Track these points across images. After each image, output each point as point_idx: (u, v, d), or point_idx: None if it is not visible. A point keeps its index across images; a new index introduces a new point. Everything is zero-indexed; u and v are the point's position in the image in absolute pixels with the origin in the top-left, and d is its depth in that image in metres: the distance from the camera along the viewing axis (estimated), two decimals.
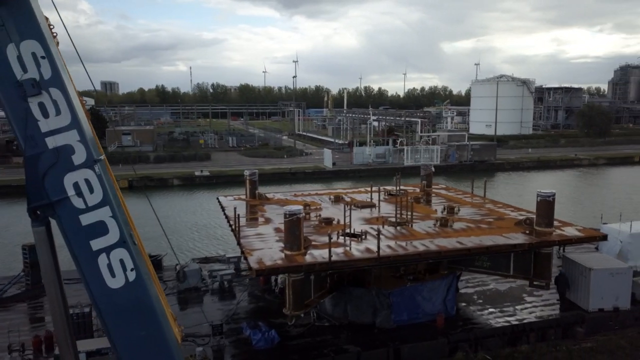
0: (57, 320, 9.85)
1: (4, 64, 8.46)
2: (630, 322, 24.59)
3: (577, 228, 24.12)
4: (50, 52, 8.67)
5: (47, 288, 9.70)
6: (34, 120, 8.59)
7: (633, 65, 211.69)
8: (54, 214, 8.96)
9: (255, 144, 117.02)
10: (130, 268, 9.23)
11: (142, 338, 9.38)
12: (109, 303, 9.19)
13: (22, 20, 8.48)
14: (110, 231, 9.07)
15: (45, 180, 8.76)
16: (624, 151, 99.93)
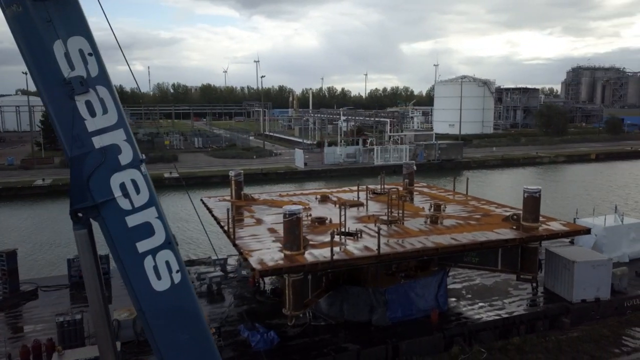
0: (98, 324, 9.52)
1: (51, 61, 8.10)
2: (610, 311, 25.73)
3: (561, 223, 25.07)
4: (96, 49, 8.37)
5: (89, 292, 9.36)
6: (81, 119, 8.27)
7: (584, 67, 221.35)
8: (97, 215, 8.65)
9: (223, 144, 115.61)
10: (175, 270, 9.01)
11: (186, 341, 9.18)
12: (154, 306, 8.94)
13: (69, 16, 8.14)
14: (156, 232, 8.83)
15: (91, 181, 8.44)
16: (581, 149, 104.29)
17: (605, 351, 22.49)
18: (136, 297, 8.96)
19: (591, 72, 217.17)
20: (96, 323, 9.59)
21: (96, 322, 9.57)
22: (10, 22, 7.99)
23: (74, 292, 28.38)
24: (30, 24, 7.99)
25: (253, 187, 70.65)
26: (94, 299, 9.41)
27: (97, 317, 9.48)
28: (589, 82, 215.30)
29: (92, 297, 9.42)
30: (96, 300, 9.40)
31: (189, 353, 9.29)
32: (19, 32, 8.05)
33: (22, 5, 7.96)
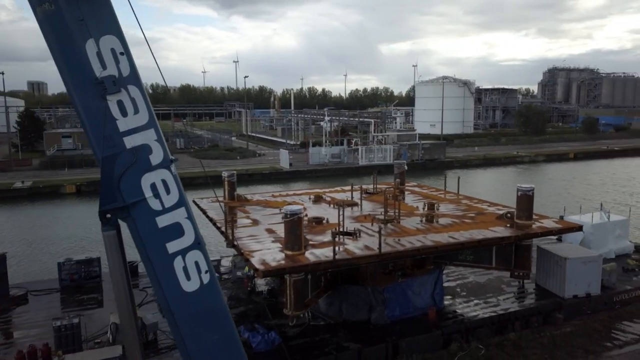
0: (126, 325, 9.40)
1: (83, 60, 7.97)
2: (601, 306, 26.36)
3: (554, 220, 25.60)
4: (127, 48, 8.27)
5: (117, 293, 9.23)
6: (112, 119, 8.16)
7: (559, 68, 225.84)
8: (127, 216, 8.54)
9: (205, 145, 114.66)
10: (204, 270, 8.95)
11: (215, 342, 9.13)
12: (183, 307, 8.86)
13: (101, 14, 8.02)
14: (185, 233, 8.77)
15: (121, 181, 8.34)
16: (560, 148, 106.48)
17: (599, 345, 23.02)
18: (165, 298, 8.87)
19: (566, 73, 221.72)
20: (124, 324, 9.47)
21: (124, 322, 9.45)
22: (41, 20, 7.84)
23: (65, 296, 27.83)
24: (63, 23, 7.84)
25: (239, 188, 70.34)
26: (122, 300, 9.29)
27: (125, 317, 9.36)
28: (564, 83, 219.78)
29: (120, 298, 9.29)
30: (124, 301, 9.29)
31: (218, 354, 9.24)
32: (50, 31, 7.90)
33: (54, 3, 7.82)
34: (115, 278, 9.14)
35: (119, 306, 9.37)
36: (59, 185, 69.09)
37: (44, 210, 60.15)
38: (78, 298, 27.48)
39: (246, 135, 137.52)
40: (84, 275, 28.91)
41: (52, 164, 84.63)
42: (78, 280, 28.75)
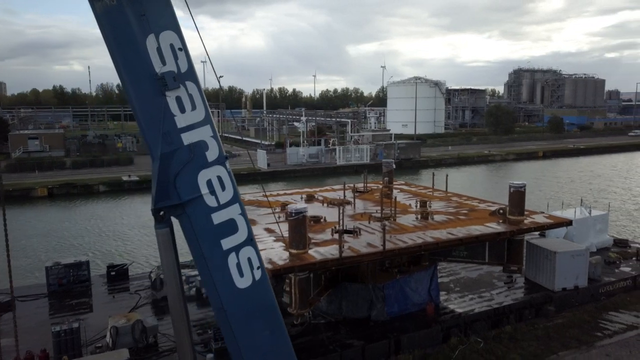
0: (178, 324, 9.24)
1: (143, 56, 7.83)
2: (588, 298, 27.35)
3: (544, 215, 26.39)
4: (185, 44, 8.17)
5: (170, 291, 9.07)
6: (171, 115, 8.04)
7: (524, 69, 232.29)
8: (181, 214, 8.43)
9: None
10: (256, 266, 8.93)
11: (266, 337, 9.12)
12: (236, 304, 8.81)
13: (161, 10, 7.90)
14: (239, 229, 8.73)
15: (178, 178, 8.22)
16: (529, 147, 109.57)
17: (590, 335, 23.87)
18: (218, 296, 8.79)
19: (531, 74, 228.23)
20: (176, 322, 9.33)
21: (176, 321, 9.31)
22: (100, 16, 7.66)
23: (54, 302, 27.02)
24: (124, 18, 7.68)
25: None
26: (175, 299, 9.16)
27: (177, 316, 9.23)
28: (529, 84, 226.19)
29: (173, 296, 9.16)
30: (177, 299, 9.15)
31: (269, 349, 9.24)
32: (110, 26, 7.73)
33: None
34: (168, 276, 9.00)
35: (171, 304, 9.23)
36: (29, 188, 66.89)
37: (16, 213, 58.11)
38: (67, 303, 26.73)
39: (223, 137, 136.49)
40: (72, 279, 28.14)
41: (20, 166, 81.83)
42: (67, 285, 27.98)
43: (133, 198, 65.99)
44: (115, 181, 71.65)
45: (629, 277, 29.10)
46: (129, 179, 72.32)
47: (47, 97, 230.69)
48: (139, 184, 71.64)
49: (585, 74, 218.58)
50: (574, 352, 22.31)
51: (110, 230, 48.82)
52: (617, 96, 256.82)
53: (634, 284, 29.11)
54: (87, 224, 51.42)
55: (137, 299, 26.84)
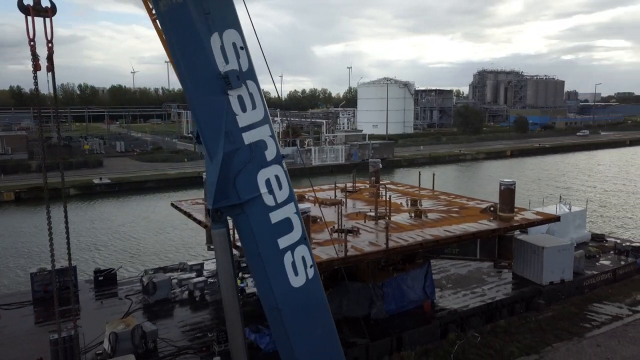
0: (233, 324, 9.09)
1: (207, 55, 7.68)
2: (573, 291, 28.34)
3: (532, 212, 27.21)
4: (245, 42, 8.07)
5: (225, 292, 8.93)
6: (233, 114, 7.93)
7: (488, 71, 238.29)
8: (240, 213, 8.33)
9: (148, 148, 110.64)
10: (309, 265, 8.91)
11: (318, 335, 9.12)
12: (291, 302, 8.77)
13: (225, 8, 7.77)
14: (294, 228, 8.70)
15: (238, 178, 8.12)
16: (497, 146, 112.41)
17: (579, 326, 24.77)
18: (273, 295, 8.73)
19: (495, 75, 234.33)
20: (230, 323, 9.19)
21: (231, 321, 9.17)
22: (164, 14, 7.48)
23: (40, 309, 26.09)
24: (188, 17, 7.53)
25: (192, 192, 68.66)
26: (230, 299, 9.03)
27: (232, 317, 9.10)
28: (493, 85, 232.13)
29: (229, 297, 9.04)
30: (232, 300, 9.03)
31: (321, 347, 9.24)
32: (174, 24, 7.56)
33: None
34: (223, 276, 8.86)
35: (226, 304, 9.09)
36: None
37: None
38: (52, 311, 25.79)
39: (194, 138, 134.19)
40: (58, 285, 27.18)
41: None
42: (52, 292, 26.97)
43: (107, 202, 64.31)
44: (86, 184, 69.62)
45: (609, 270, 30.31)
46: (101, 182, 70.43)
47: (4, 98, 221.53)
48: (111, 187, 69.90)
49: (545, 75, 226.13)
50: (566, 344, 23.08)
51: (86, 235, 47.43)
52: (575, 97, 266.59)
53: (614, 276, 30.35)
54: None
55: (129, 304, 26.20)
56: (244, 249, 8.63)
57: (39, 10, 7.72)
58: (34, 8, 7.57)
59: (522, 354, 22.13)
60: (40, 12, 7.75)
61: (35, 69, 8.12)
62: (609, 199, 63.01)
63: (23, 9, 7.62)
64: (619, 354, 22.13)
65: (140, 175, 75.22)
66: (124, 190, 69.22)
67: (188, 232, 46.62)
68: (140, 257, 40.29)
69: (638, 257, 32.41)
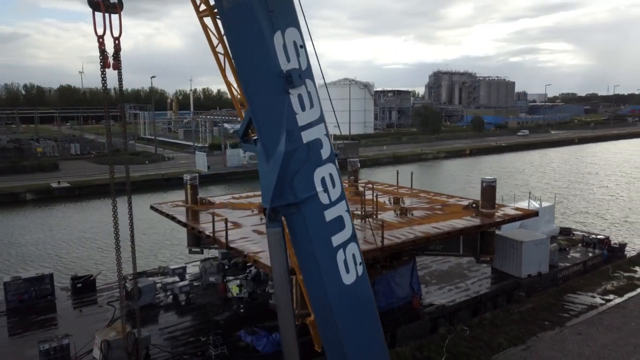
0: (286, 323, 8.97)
1: (270, 53, 7.57)
2: (548, 283, 29.58)
3: (512, 208, 28.19)
4: (304, 41, 8.01)
5: (279, 291, 8.81)
6: (293, 113, 7.86)
7: (443, 72, 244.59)
8: (295, 212, 8.26)
9: (105, 150, 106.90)
10: (359, 262, 8.97)
11: (367, 332, 9.19)
12: (342, 300, 8.79)
13: (287, 7, 7.69)
14: (346, 225, 8.74)
15: (296, 177, 8.06)
16: (456, 145, 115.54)
17: (558, 316, 25.83)
18: (325, 293, 8.72)
19: (449, 76, 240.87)
20: (284, 323, 9.08)
21: (284, 321, 9.06)
22: (227, 12, 7.32)
23: (14, 320, 24.81)
24: (252, 15, 7.39)
25: (156, 195, 67.08)
26: (284, 299, 8.92)
27: (286, 317, 8.99)
28: (448, 85, 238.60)
29: (283, 296, 8.93)
30: (286, 300, 8.93)
31: (370, 344, 9.30)
32: (237, 22, 7.40)
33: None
34: (278, 275, 8.75)
35: (280, 306, 8.98)
36: None
37: None
38: (31, 320, 24.66)
39: (148, 139, 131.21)
40: (34, 294, 26.01)
41: None
42: (28, 301, 25.82)
43: (67, 206, 61.83)
44: (43, 188, 66.68)
45: (580, 262, 31.82)
46: (59, 185, 67.61)
47: None
48: (71, 190, 67.23)
49: (497, 77, 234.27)
50: (550, 333, 24.04)
51: (49, 241, 45.47)
52: (525, 97, 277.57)
53: (584, 267, 31.88)
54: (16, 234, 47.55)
55: (113, 310, 25.33)
56: (297, 248, 8.59)
57: (107, 6, 7.43)
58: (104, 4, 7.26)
59: (510, 345, 22.86)
60: (109, 8, 7.46)
61: (104, 66, 7.79)
62: (564, 194, 66.02)
63: (93, 4, 7.31)
64: (599, 341, 23.23)
65: (102, 179, 72.60)
66: (85, 194, 66.73)
67: (155, 237, 45.62)
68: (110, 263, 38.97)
69: (604, 249, 34.18)
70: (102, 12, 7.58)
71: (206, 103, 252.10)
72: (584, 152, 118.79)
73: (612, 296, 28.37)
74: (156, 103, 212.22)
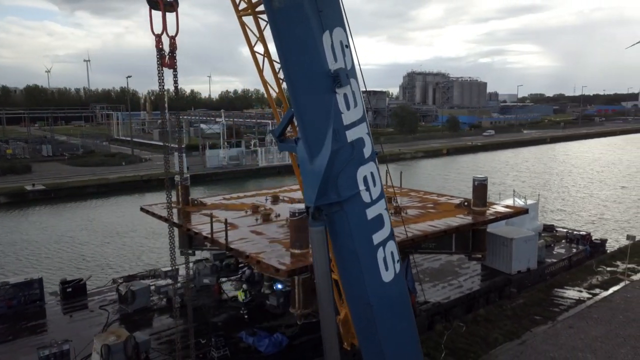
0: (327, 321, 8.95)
1: (318, 53, 7.58)
2: (537, 278, 30.28)
3: (503, 206, 28.76)
4: (349, 41, 8.02)
5: (321, 290, 8.79)
6: (339, 112, 7.87)
7: (417, 72, 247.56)
8: (338, 211, 8.28)
9: (79, 151, 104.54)
10: (396, 260, 9.05)
11: (404, 329, 9.26)
12: (382, 297, 8.85)
13: (335, 7, 7.69)
14: (385, 224, 8.79)
15: (340, 176, 8.07)
16: (433, 145, 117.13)
17: (549, 311, 26.50)
18: (366, 291, 8.77)
19: (423, 76, 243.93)
20: (325, 320, 9.06)
21: (325, 319, 9.04)
22: (277, 12, 7.27)
23: (5, 326, 24.02)
24: (303, 14, 7.37)
25: (135, 196, 65.95)
26: (326, 297, 8.90)
27: (327, 314, 8.98)
28: (422, 86, 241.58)
29: (324, 294, 8.91)
30: (327, 297, 8.91)
31: (406, 341, 9.38)
32: (288, 22, 7.36)
33: None
34: (320, 274, 8.72)
35: (322, 305, 8.96)
36: None
37: None
38: (22, 326, 23.95)
39: (122, 140, 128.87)
40: (23, 300, 25.28)
41: None
42: (17, 307, 25.07)
43: (44, 209, 60.16)
44: (17, 191, 64.71)
45: (565, 258, 32.70)
46: (34, 188, 65.72)
47: None
48: (46, 193, 65.44)
49: (470, 77, 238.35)
50: (543, 327, 24.63)
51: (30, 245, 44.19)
52: (496, 97, 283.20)
53: (570, 263, 32.77)
54: None
55: (106, 315, 24.83)
56: (338, 247, 8.60)
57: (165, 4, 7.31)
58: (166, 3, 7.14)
59: (506, 340, 23.34)
60: (166, 7, 7.34)
61: (162, 66, 7.66)
62: (541, 192, 67.63)
63: (152, 2, 7.19)
64: (590, 334, 23.92)
65: (78, 181, 71.04)
66: (62, 196, 65.03)
67: (139, 240, 44.90)
68: (100, 266, 38.16)
69: (586, 245, 35.20)
70: (160, 10, 7.46)
71: (178, 103, 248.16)
72: (556, 151, 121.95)
73: (597, 290, 29.25)
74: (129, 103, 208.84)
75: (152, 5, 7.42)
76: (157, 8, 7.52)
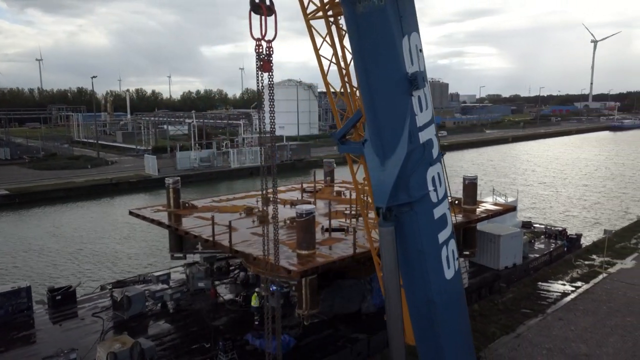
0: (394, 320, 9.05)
1: (398, 57, 7.71)
2: (522, 273, 31.37)
3: (492, 204, 29.63)
4: (421, 45, 8.19)
5: (389, 287, 8.88)
6: (413, 115, 8.04)
7: None
8: (408, 210, 8.43)
9: (40, 154, 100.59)
10: (456, 257, 9.26)
11: (462, 324, 9.50)
12: (444, 294, 9.06)
13: (412, 12, 7.83)
14: (448, 223, 9.00)
15: (412, 176, 8.24)
16: None
17: (538, 304, 27.54)
18: (430, 288, 8.96)
19: None
20: (391, 319, 9.17)
21: (393, 315, 9.14)
22: (359, 16, 7.35)
23: None
24: (385, 19, 7.49)
25: (104, 200, 64.14)
26: (394, 295, 9.01)
27: (394, 311, 9.08)
28: None
29: (393, 292, 9.02)
30: (396, 296, 9.02)
31: (464, 338, 9.62)
32: (369, 27, 7.45)
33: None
34: (388, 272, 8.82)
35: (390, 301, 9.05)
36: None
37: None
38: (12, 337, 22.97)
39: (83, 142, 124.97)
40: (11, 309, 24.26)
41: None
42: (4, 316, 24.05)
43: (6, 216, 57.61)
44: None
45: (546, 253, 33.99)
46: None
47: None
48: (10, 198, 62.67)
49: (432, 78, 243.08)
50: (534, 320, 25.56)
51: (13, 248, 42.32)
52: (457, 98, 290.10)
53: (550, 257, 34.08)
54: None
55: (100, 322, 24.12)
56: (404, 246, 8.76)
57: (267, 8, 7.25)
58: (266, 7, 7.09)
59: (503, 333, 24.11)
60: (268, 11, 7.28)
61: (263, 70, 7.59)
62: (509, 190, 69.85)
63: (255, 6, 7.13)
64: (579, 325, 24.99)
65: (44, 185, 68.40)
66: (27, 201, 62.44)
67: (128, 244, 43.76)
68: (74, 275, 36.93)
69: (564, 240, 36.68)
70: (263, 14, 7.42)
71: (140, 104, 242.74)
72: (518, 150, 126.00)
73: (579, 283, 30.57)
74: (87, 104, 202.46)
75: (254, 9, 7.39)
76: (260, 12, 7.49)
